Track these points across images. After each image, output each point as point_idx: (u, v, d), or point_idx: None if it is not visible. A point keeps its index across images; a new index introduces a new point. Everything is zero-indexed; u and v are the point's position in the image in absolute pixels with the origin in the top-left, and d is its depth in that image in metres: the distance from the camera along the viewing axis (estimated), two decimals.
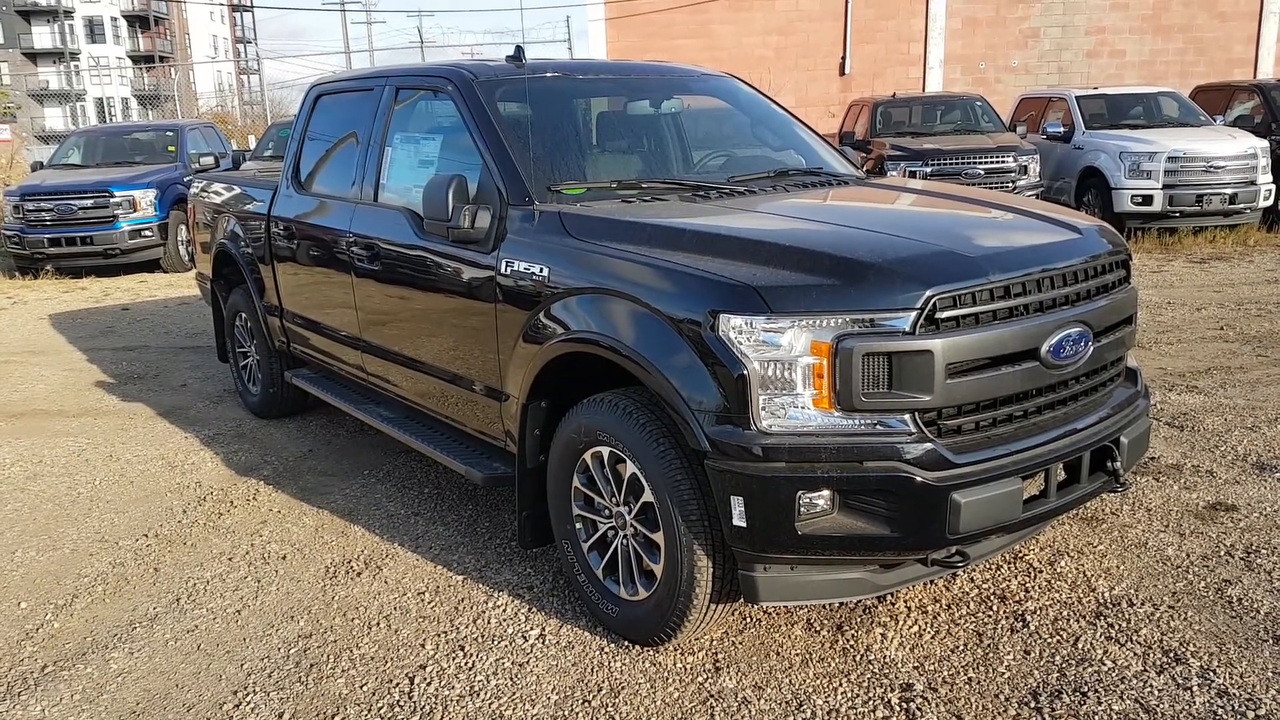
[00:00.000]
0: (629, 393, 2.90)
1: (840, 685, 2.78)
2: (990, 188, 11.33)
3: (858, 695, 2.73)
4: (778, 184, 3.67)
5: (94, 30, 64.98)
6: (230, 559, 3.80)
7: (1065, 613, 3.13)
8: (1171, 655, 2.86)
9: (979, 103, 13.28)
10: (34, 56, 62.65)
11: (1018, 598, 3.24)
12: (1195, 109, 12.71)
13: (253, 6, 78.47)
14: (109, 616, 3.37)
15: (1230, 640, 2.94)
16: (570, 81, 3.97)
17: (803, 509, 2.54)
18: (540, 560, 3.63)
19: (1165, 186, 11.32)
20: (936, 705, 2.67)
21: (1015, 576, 3.38)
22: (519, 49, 3.87)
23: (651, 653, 2.96)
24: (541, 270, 3.11)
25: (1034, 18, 17.80)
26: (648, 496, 2.83)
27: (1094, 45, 18.33)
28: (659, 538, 2.83)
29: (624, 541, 3.00)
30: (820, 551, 2.59)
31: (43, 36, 62.92)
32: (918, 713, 2.64)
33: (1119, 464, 2.91)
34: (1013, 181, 11.40)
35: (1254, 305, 7.88)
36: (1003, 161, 11.44)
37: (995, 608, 3.18)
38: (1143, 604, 3.16)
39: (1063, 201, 12.47)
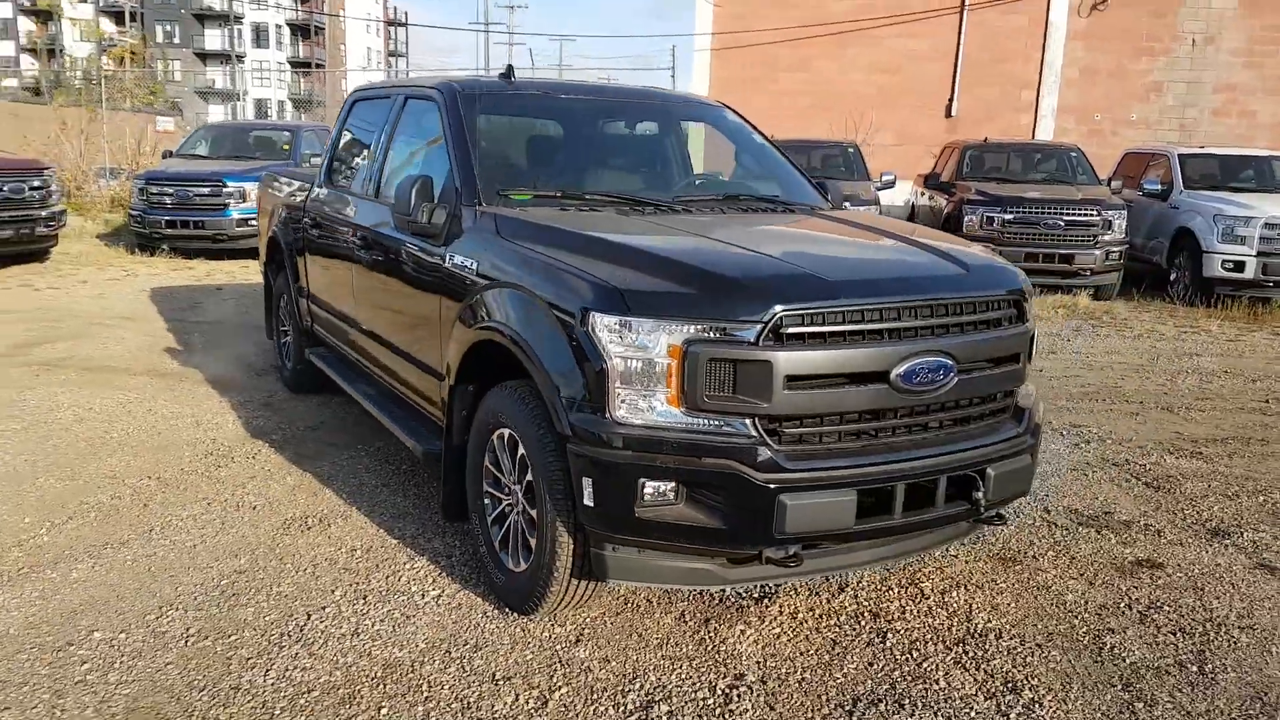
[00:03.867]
0: (526, 381, 3.19)
1: (680, 668, 2.98)
2: (1072, 241, 11.14)
3: (690, 676, 2.93)
4: (719, 206, 3.91)
5: (260, 36, 70.05)
6: (209, 504, 4.26)
7: (929, 636, 3.24)
8: (1009, 686, 2.94)
9: (1074, 153, 13.00)
10: (204, 57, 68.07)
11: (891, 617, 3.36)
12: None
13: (407, 23, 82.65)
14: (90, 537, 3.86)
15: (1078, 681, 2.99)
16: (550, 100, 4.32)
17: (647, 495, 2.76)
18: (468, 535, 3.93)
19: (1260, 254, 10.86)
20: (756, 695, 2.84)
21: (901, 600, 3.49)
22: (509, 68, 4.24)
23: (527, 621, 3.23)
24: (474, 264, 3.44)
25: (1157, 71, 17.26)
26: (530, 476, 3.11)
27: (1222, 104, 17.64)
28: (536, 514, 3.10)
29: (516, 517, 3.29)
30: (660, 537, 2.81)
31: (213, 39, 68.26)
32: (735, 698, 2.82)
33: (982, 494, 3.01)
34: (1094, 237, 11.14)
35: None
36: (1086, 215, 11.19)
37: (864, 623, 3.31)
38: (1011, 639, 3.23)
39: (1154, 262, 12.07)
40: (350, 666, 2.94)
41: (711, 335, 2.73)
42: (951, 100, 17.75)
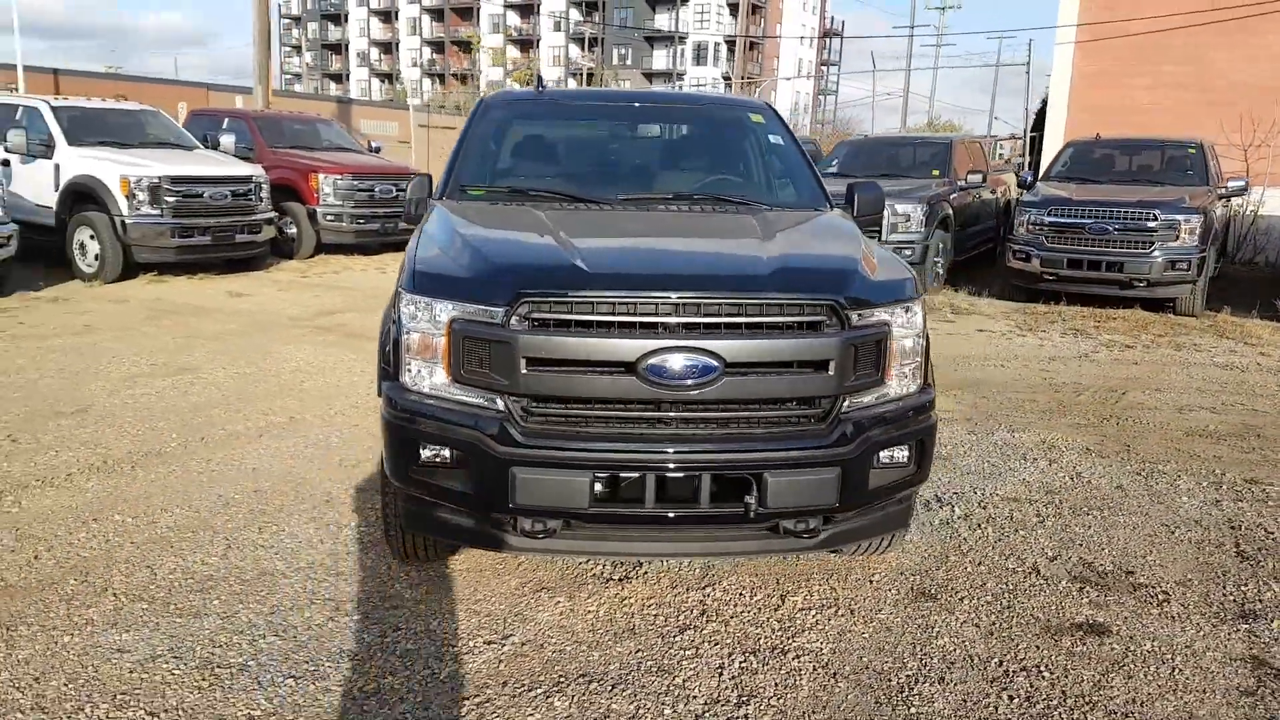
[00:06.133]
0: None
1: (470, 620, 3.28)
2: None
3: (464, 628, 3.22)
4: (656, 204, 3.99)
5: (700, 54, 75.65)
6: (301, 442, 5.26)
7: (726, 641, 3.16)
8: (742, 698, 2.83)
9: None
10: (650, 76, 75.13)
11: (715, 618, 3.31)
12: None
13: (843, 34, 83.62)
14: (201, 453, 5.03)
15: (826, 712, 2.76)
16: (564, 108, 4.68)
17: (423, 456, 3.10)
18: None
19: None
20: (493, 654, 3.06)
21: (749, 608, 3.40)
22: (539, 78, 4.69)
23: (401, 565, 3.70)
24: (413, 250, 3.98)
25: None
26: None
27: None
28: None
29: None
30: (433, 496, 3.14)
31: (660, 59, 75.25)
32: (474, 652, 3.07)
33: (754, 499, 2.89)
34: None
35: None
36: None
37: (683, 618, 3.31)
38: (807, 662, 3.04)
39: None
40: (235, 566, 3.67)
41: (470, 316, 3.00)
42: None
